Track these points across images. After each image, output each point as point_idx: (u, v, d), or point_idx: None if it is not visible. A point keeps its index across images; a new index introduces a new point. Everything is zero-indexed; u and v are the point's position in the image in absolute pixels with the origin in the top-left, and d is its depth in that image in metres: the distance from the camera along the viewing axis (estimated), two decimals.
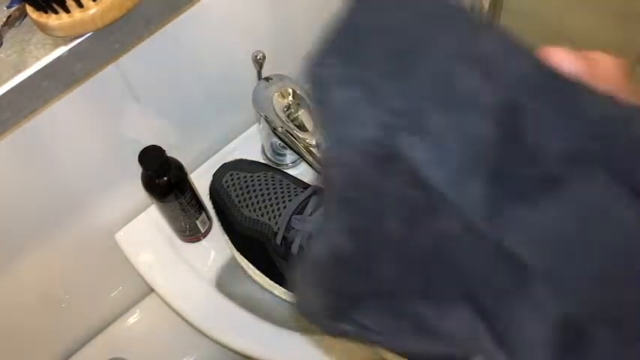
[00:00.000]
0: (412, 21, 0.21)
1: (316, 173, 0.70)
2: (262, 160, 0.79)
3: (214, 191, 0.73)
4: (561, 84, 0.19)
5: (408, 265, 0.18)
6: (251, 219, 0.68)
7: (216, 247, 0.76)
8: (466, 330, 0.18)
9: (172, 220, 0.72)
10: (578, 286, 0.16)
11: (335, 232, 0.20)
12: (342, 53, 0.22)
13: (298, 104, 0.69)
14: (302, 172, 0.79)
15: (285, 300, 0.71)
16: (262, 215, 0.67)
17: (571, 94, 0.18)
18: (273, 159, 0.80)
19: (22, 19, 0.55)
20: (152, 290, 0.76)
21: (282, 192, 0.68)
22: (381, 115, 0.20)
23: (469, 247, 0.18)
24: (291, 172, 0.77)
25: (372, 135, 0.20)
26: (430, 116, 0.19)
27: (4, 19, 0.54)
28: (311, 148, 0.67)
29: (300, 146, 0.68)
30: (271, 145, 0.77)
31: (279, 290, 0.69)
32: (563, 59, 0.20)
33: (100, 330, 0.88)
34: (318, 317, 0.21)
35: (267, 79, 0.71)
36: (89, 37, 0.51)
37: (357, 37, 0.22)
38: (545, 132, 0.18)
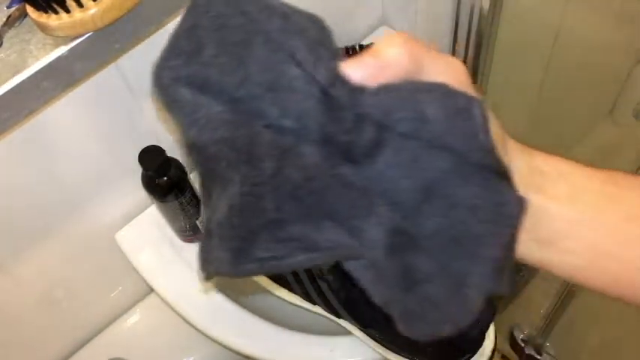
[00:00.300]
0: (240, 17, 0.25)
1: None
2: None
3: None
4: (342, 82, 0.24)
5: (285, 196, 0.23)
6: None
7: None
8: (338, 240, 0.24)
9: (172, 220, 0.72)
10: (404, 212, 0.24)
11: (231, 191, 0.24)
12: (182, 54, 0.25)
13: None
14: None
15: (284, 300, 0.71)
16: None
17: (351, 90, 0.24)
18: None
19: (22, 19, 0.55)
20: (152, 290, 0.76)
21: None
22: (224, 105, 0.24)
23: (325, 184, 0.24)
24: None
25: (226, 118, 0.24)
26: (264, 100, 0.24)
27: (4, 19, 0.55)
28: None
29: None
30: None
31: (278, 290, 0.69)
32: (349, 71, 0.24)
33: (100, 330, 0.88)
34: (226, 269, 0.25)
35: None
36: (89, 37, 0.51)
37: (194, 37, 0.25)
38: (355, 109, 0.24)
